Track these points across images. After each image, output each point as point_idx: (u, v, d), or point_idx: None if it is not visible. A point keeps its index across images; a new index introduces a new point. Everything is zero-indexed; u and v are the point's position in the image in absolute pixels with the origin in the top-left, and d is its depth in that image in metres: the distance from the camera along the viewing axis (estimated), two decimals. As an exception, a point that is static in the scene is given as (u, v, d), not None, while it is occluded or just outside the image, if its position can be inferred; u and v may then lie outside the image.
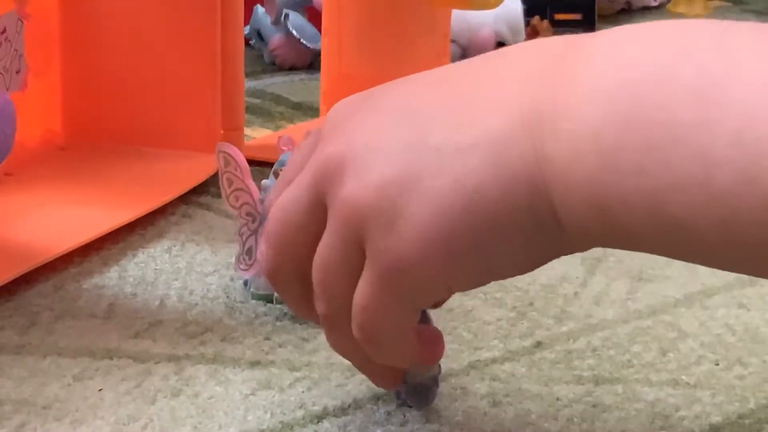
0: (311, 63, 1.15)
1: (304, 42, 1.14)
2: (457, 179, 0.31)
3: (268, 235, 0.37)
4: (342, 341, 0.37)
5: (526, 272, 0.33)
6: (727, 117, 0.26)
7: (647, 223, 0.29)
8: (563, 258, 0.35)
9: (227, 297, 0.60)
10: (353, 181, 0.33)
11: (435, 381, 0.46)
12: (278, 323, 0.57)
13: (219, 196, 0.62)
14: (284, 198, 0.36)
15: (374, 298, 0.34)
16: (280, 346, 0.54)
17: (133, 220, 0.69)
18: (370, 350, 0.36)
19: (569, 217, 0.31)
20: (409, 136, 0.32)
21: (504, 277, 0.34)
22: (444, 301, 0.41)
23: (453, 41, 1.15)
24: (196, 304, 0.59)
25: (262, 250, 0.37)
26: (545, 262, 0.33)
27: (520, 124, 0.31)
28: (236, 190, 0.60)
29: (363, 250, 0.33)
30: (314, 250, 0.35)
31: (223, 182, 0.59)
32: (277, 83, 1.11)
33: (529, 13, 1.25)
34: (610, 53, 0.30)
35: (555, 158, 0.30)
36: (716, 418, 0.49)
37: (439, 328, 0.43)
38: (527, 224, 0.31)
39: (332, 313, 0.36)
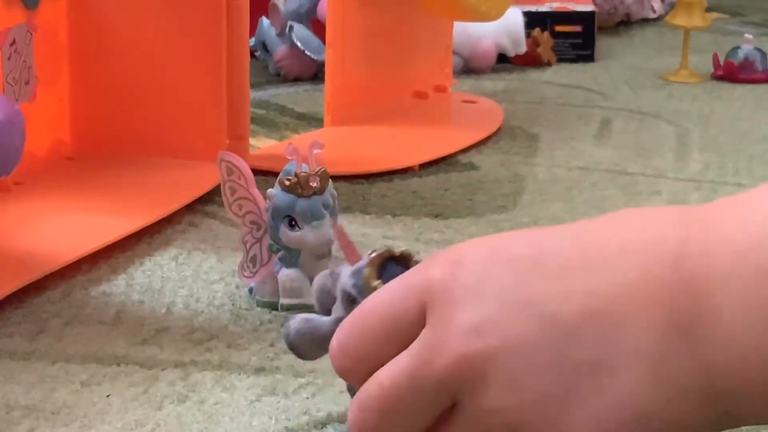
0: (315, 74, 1.16)
1: (309, 53, 1.15)
2: (620, 400, 0.30)
3: (372, 404, 0.33)
4: None
5: None
6: None
7: None
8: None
9: (233, 304, 0.61)
10: (503, 394, 0.31)
11: None
12: (283, 330, 0.58)
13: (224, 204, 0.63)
14: (397, 374, 0.32)
15: None
16: (285, 352, 0.55)
17: (140, 228, 0.70)
18: None
19: (740, 413, 0.31)
20: (556, 347, 0.31)
21: None
22: None
23: (455, 53, 1.16)
24: (202, 312, 0.60)
25: (354, 413, 0.33)
26: None
27: (672, 336, 0.30)
28: (240, 198, 0.60)
29: None
30: (427, 428, 0.32)
31: (226, 191, 0.60)
32: (281, 94, 1.12)
33: (529, 24, 1.26)
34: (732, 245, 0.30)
35: (720, 365, 0.30)
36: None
37: None
38: (690, 428, 0.31)
39: None
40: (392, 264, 0.39)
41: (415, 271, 0.34)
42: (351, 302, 0.39)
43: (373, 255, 0.39)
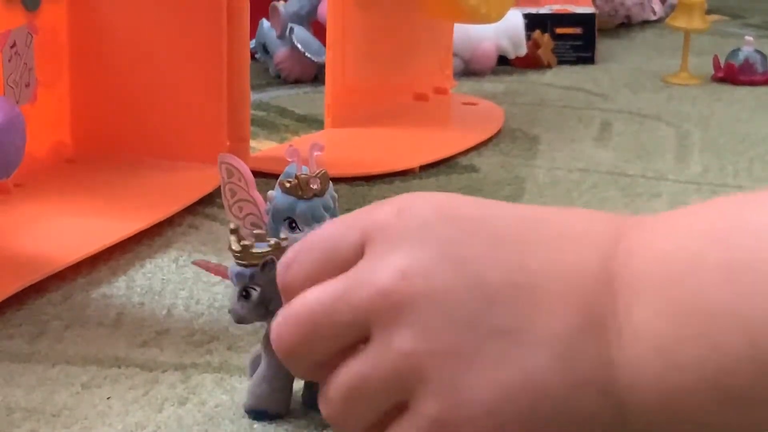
0: (316, 76, 1.16)
1: (309, 55, 1.15)
2: (524, 371, 0.31)
3: (293, 318, 0.34)
4: None
5: None
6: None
7: (711, 408, 0.30)
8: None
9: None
10: (414, 337, 0.32)
11: None
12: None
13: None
14: (323, 295, 0.33)
15: None
16: (285, 354, 0.55)
17: (140, 230, 0.70)
18: None
19: (636, 417, 0.31)
20: (476, 307, 0.32)
21: None
22: None
23: (455, 54, 1.16)
24: (203, 314, 0.60)
25: (278, 324, 0.34)
26: None
27: (587, 327, 0.31)
28: (240, 200, 0.60)
29: (394, 407, 0.32)
30: (334, 354, 0.33)
31: (226, 193, 0.60)
32: (282, 96, 1.12)
33: (530, 26, 1.26)
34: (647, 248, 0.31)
35: (622, 364, 0.31)
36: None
37: None
38: (585, 423, 0.32)
39: (346, 425, 0.34)
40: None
41: (364, 210, 0.35)
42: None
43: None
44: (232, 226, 0.49)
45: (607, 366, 0.31)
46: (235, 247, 0.48)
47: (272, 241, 0.49)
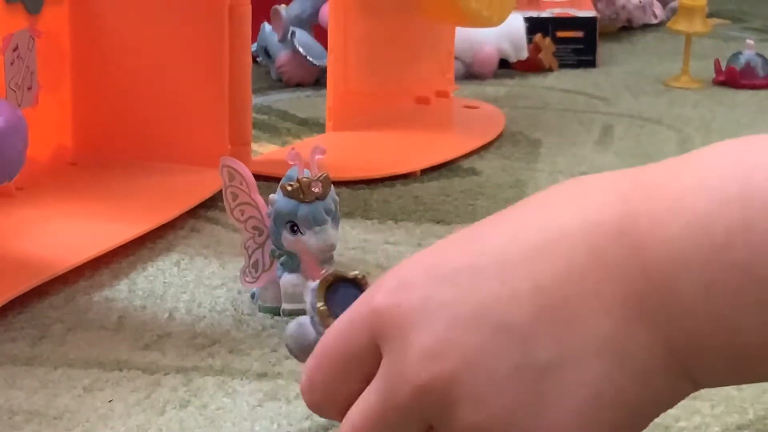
0: (317, 80, 1.16)
1: (311, 59, 1.15)
2: (591, 390, 0.30)
3: None
4: None
5: None
6: None
7: None
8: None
9: (235, 310, 0.61)
10: (473, 410, 0.30)
11: None
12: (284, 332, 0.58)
13: (227, 210, 0.63)
14: (366, 412, 0.32)
15: None
16: (287, 357, 0.55)
17: (142, 234, 0.70)
18: None
19: (709, 379, 0.31)
20: (514, 354, 0.30)
21: None
22: None
23: (457, 58, 1.16)
24: (205, 317, 0.60)
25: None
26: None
27: (628, 316, 0.30)
28: (241, 204, 0.60)
29: None
30: None
31: (227, 196, 0.60)
32: (283, 99, 1.12)
33: (531, 30, 1.26)
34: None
35: (682, 341, 0.30)
36: (715, 429, 0.50)
37: None
38: (665, 401, 0.31)
39: None
40: (344, 285, 0.39)
41: (361, 302, 0.33)
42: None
43: (322, 276, 0.39)
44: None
45: (667, 347, 0.30)
46: (320, 306, 0.40)
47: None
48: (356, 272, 0.40)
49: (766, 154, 0.29)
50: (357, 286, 0.40)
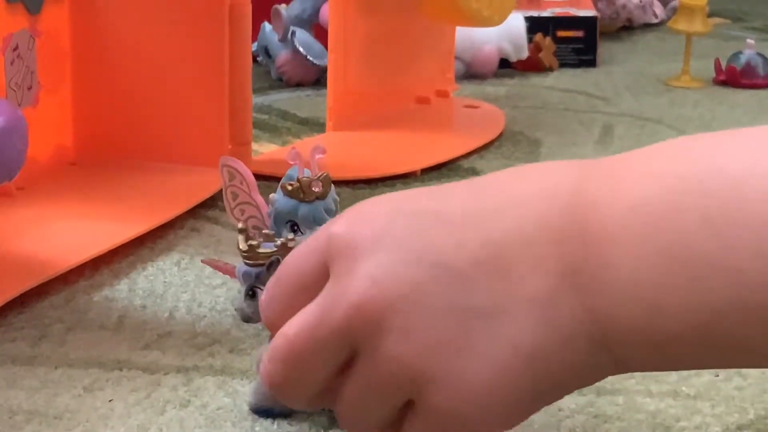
0: (318, 79, 1.16)
1: (311, 59, 1.15)
2: (513, 343, 0.31)
3: (278, 355, 0.34)
4: None
5: None
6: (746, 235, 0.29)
7: (699, 351, 0.30)
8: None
9: (235, 309, 0.61)
10: (400, 341, 0.32)
11: None
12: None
13: (227, 210, 0.63)
14: (301, 325, 0.34)
15: None
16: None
17: (142, 233, 0.70)
18: None
19: (629, 359, 0.32)
20: (450, 295, 0.32)
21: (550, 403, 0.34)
22: None
23: (457, 58, 1.16)
24: (205, 317, 0.60)
25: (265, 364, 0.35)
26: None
27: (562, 282, 0.31)
28: (241, 203, 0.60)
29: (404, 405, 0.33)
30: (331, 378, 0.34)
31: (227, 196, 0.60)
32: (283, 99, 1.12)
33: (531, 30, 1.26)
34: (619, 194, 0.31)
35: (605, 313, 0.31)
36: (716, 429, 0.50)
37: None
38: (586, 372, 0.33)
39: None
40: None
41: (321, 229, 0.35)
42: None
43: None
44: (240, 225, 0.50)
45: (591, 316, 0.31)
46: (243, 246, 0.48)
47: (279, 241, 0.49)
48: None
49: (710, 148, 0.32)
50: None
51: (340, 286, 0.33)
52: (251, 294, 0.48)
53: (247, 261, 0.49)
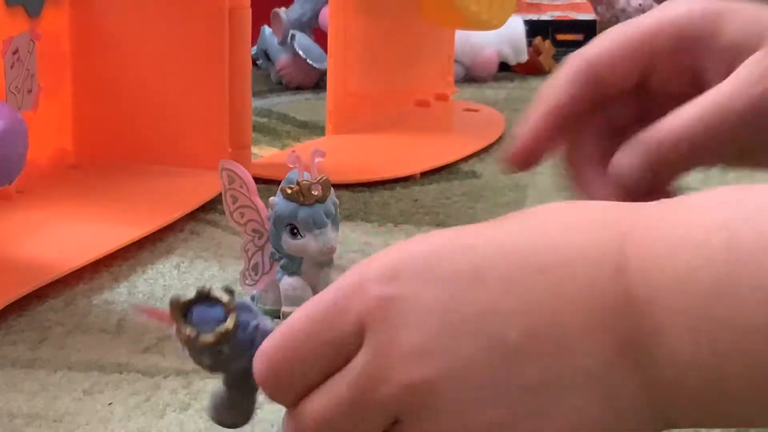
0: (317, 83, 1.16)
1: (311, 62, 1.15)
2: (570, 422, 0.30)
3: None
4: None
5: None
6: None
7: (756, 410, 0.30)
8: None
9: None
10: (450, 420, 0.30)
11: None
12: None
13: (227, 213, 0.63)
14: (335, 405, 0.31)
15: None
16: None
17: (142, 236, 0.70)
18: None
19: (682, 420, 0.31)
20: (504, 371, 0.30)
21: None
22: None
23: (456, 61, 1.16)
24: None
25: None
26: None
27: (616, 354, 0.30)
28: (241, 206, 0.60)
29: None
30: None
31: (227, 199, 0.60)
32: (283, 102, 1.12)
33: (531, 33, 1.26)
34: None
35: (661, 381, 0.30)
36: (716, 429, 0.50)
37: None
38: None
39: None
40: (198, 306, 0.36)
41: (349, 285, 0.32)
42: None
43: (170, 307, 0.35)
44: (179, 298, 0.37)
45: (649, 389, 0.30)
46: (188, 331, 0.35)
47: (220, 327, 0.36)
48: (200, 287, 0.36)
49: (753, 207, 0.30)
50: (211, 300, 0.36)
51: (382, 359, 0.31)
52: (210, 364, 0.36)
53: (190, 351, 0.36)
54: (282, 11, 1.17)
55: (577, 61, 0.39)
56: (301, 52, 1.15)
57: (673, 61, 0.38)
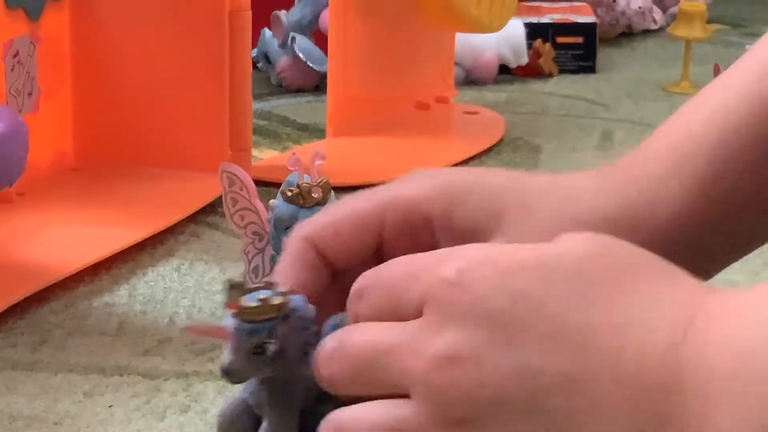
0: (318, 85, 1.16)
1: (311, 64, 1.15)
2: None
3: (348, 361, 0.33)
4: None
5: None
6: None
7: None
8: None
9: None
10: (463, 424, 0.31)
11: None
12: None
13: (227, 216, 0.63)
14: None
15: None
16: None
17: (142, 239, 0.70)
18: None
19: None
20: (528, 400, 0.31)
21: None
22: None
23: (457, 64, 1.16)
24: (205, 322, 0.60)
25: (334, 353, 0.33)
26: None
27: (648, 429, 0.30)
28: (241, 209, 0.61)
29: None
30: None
31: (227, 202, 0.60)
32: (284, 105, 1.12)
33: (531, 36, 1.26)
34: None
35: None
36: None
37: None
38: None
39: None
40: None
41: (432, 256, 0.33)
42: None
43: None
44: (235, 279, 0.40)
45: None
46: (251, 303, 0.37)
47: (261, 294, 0.38)
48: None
49: None
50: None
51: (426, 338, 0.31)
52: (259, 351, 0.38)
53: (257, 317, 0.38)
54: (282, 14, 1.17)
55: (296, 241, 0.37)
56: (301, 55, 1.15)
57: (405, 239, 0.37)
